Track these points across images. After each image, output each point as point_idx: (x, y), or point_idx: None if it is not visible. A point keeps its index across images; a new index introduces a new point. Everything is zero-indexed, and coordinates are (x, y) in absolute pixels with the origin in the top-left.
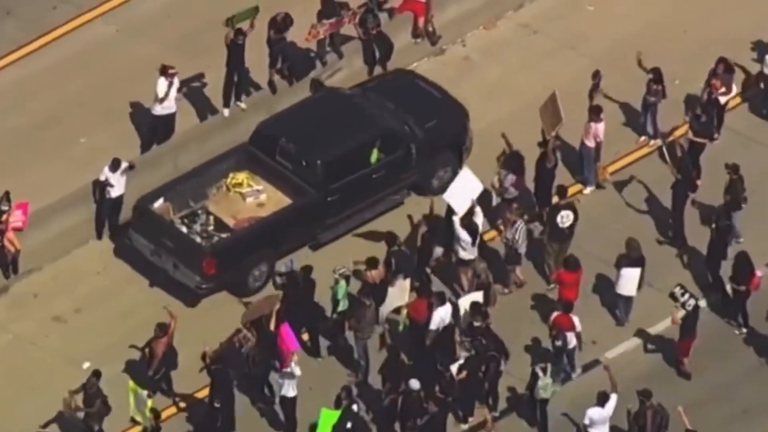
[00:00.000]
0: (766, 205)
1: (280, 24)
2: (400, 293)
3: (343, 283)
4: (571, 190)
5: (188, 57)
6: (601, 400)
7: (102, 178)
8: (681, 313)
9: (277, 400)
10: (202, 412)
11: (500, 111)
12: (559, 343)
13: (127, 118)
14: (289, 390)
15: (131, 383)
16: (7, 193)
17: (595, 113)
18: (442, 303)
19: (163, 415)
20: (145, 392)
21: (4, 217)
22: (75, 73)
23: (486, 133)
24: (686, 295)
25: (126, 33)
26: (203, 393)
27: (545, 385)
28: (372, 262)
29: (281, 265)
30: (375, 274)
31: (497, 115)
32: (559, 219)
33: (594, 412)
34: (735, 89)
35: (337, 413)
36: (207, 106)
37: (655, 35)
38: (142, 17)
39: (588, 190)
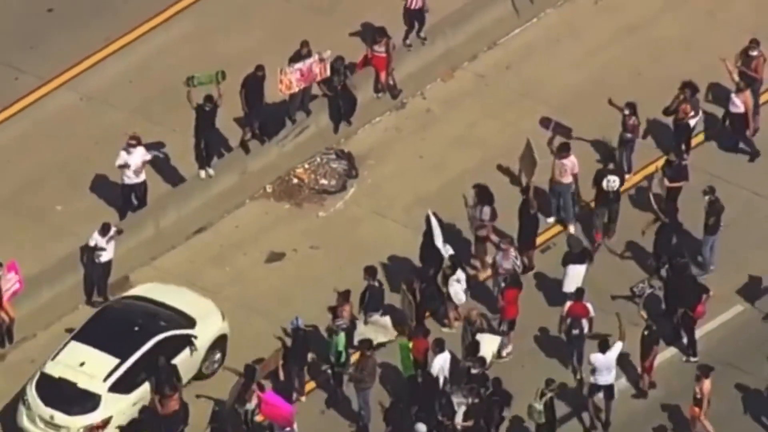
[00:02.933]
0: (735, 243)
1: (260, 80)
2: (383, 331)
3: (342, 335)
4: (549, 233)
5: (153, 121)
6: (602, 346)
7: (92, 243)
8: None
9: None
10: None
11: (469, 161)
12: (576, 331)
13: (101, 184)
14: None
15: None
16: None
17: (564, 150)
18: (441, 350)
19: None
20: None
21: None
22: (44, 142)
23: (457, 183)
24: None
25: (90, 100)
26: None
27: (534, 410)
28: (346, 296)
29: (288, 324)
30: (348, 309)
31: (466, 165)
32: (605, 183)
33: (596, 358)
34: (701, 112)
35: None
36: (175, 168)
37: (608, 79)
38: (104, 84)
39: (571, 228)
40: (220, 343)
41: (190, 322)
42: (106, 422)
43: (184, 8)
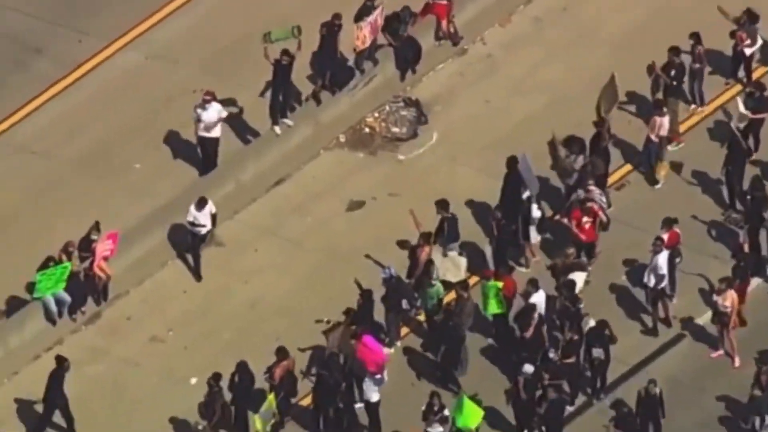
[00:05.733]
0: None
1: (337, 29)
2: (454, 270)
3: (439, 284)
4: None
5: (220, 78)
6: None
7: (189, 218)
8: None
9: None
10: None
11: (532, 106)
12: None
13: (174, 141)
14: (373, 395)
15: (271, 396)
16: (97, 223)
17: (657, 107)
18: (537, 289)
19: None
20: (273, 408)
21: (93, 246)
22: (113, 103)
23: (521, 128)
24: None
25: (155, 59)
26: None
27: None
28: (426, 237)
29: (379, 273)
30: (428, 250)
31: (530, 110)
32: None
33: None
34: (760, 40)
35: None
36: (246, 123)
37: (664, 18)
38: (168, 42)
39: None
40: None
41: None
42: None
43: None
